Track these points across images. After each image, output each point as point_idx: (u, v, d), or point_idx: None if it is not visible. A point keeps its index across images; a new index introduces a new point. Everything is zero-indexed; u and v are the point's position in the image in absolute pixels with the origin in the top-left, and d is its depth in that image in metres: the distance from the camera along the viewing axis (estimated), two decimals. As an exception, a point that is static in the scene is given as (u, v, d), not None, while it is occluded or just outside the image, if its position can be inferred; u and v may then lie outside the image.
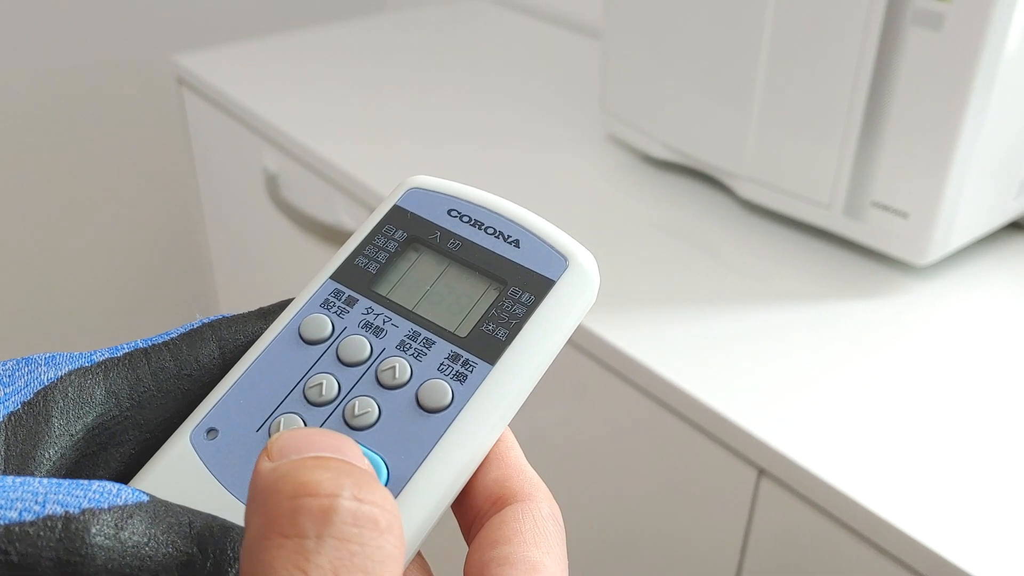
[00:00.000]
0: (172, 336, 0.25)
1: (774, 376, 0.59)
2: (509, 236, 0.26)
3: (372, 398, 0.24)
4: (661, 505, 0.65)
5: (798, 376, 0.59)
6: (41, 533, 0.18)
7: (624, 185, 0.82)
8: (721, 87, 0.73)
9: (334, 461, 0.19)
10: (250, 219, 1.07)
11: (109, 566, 0.19)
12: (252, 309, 0.26)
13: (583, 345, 0.64)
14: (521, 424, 0.26)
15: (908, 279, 0.69)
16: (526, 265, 0.25)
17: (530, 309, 0.25)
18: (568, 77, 1.04)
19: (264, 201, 0.99)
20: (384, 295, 0.25)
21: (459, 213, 0.26)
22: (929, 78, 0.62)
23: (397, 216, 0.27)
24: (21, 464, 0.21)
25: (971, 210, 0.67)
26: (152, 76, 1.33)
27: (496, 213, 0.26)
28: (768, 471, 0.54)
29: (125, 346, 0.24)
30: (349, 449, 0.20)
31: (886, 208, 0.67)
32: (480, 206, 0.26)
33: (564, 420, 0.70)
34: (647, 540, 0.67)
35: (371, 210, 0.82)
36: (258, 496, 0.19)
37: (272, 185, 0.96)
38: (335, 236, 0.89)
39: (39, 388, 0.22)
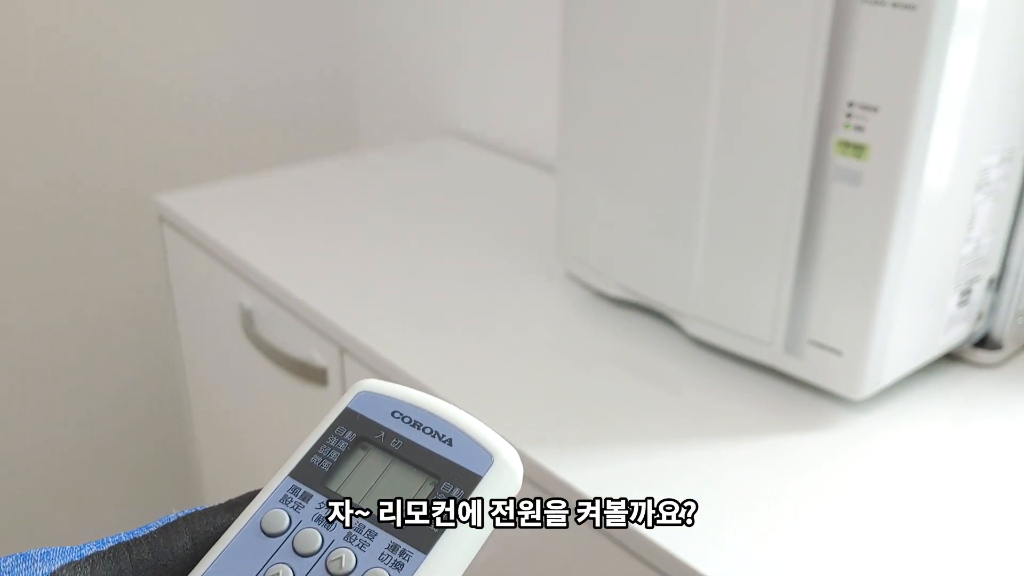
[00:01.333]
0: (151, 529, 0.29)
1: (719, 510, 0.62)
2: (443, 435, 0.30)
3: None
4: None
5: (742, 510, 0.62)
6: None
7: (581, 321, 0.87)
8: (667, 233, 0.79)
9: None
10: (226, 352, 1.10)
11: None
12: (222, 500, 0.30)
13: (536, 480, 0.67)
14: (480, 557, 0.30)
15: (848, 412, 0.73)
16: (457, 462, 0.29)
17: (459, 502, 0.28)
18: (532, 213, 1.10)
19: (239, 335, 1.03)
20: (335, 491, 0.29)
21: (401, 414, 0.31)
22: (852, 229, 0.67)
23: (348, 418, 0.31)
24: None
25: (902, 346, 0.71)
26: (135, 214, 1.39)
27: (433, 414, 0.30)
28: (713, 607, 0.57)
29: (110, 539, 0.28)
30: None
31: (822, 346, 0.72)
32: (419, 408, 0.31)
33: (517, 555, 0.73)
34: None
35: (339, 347, 0.86)
36: None
37: (247, 321, 1.00)
38: (305, 372, 0.93)
39: None
